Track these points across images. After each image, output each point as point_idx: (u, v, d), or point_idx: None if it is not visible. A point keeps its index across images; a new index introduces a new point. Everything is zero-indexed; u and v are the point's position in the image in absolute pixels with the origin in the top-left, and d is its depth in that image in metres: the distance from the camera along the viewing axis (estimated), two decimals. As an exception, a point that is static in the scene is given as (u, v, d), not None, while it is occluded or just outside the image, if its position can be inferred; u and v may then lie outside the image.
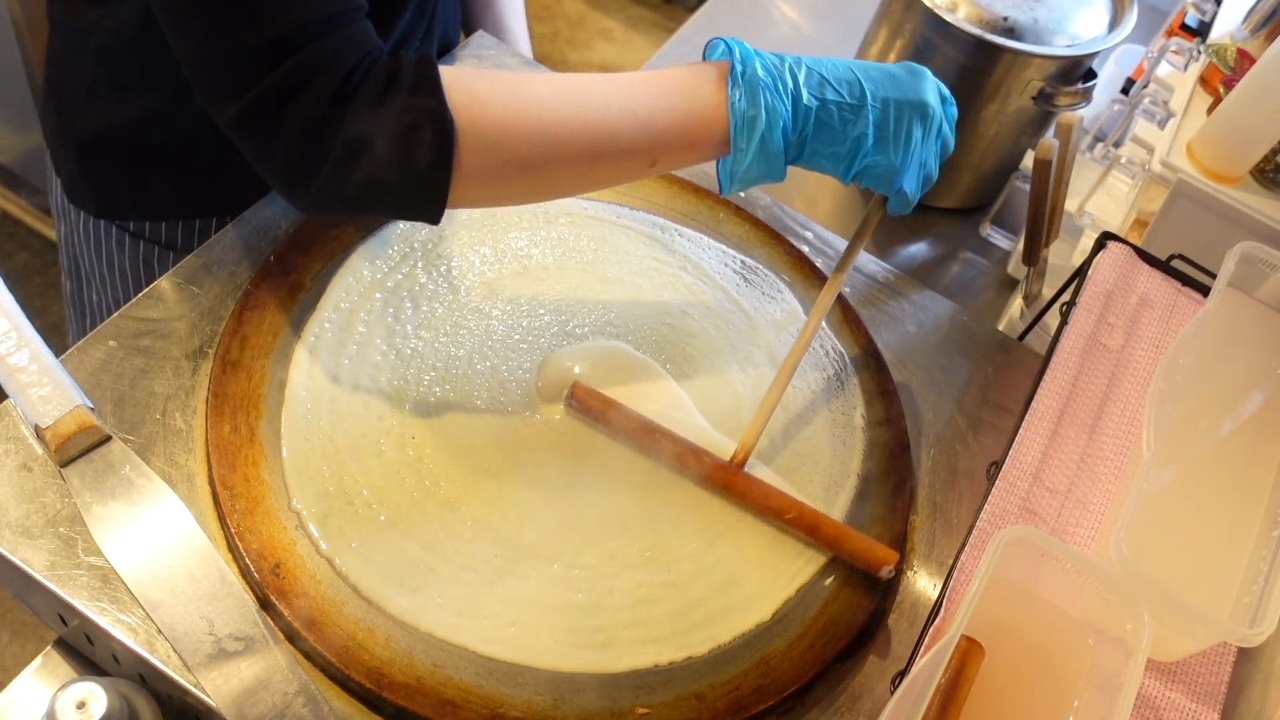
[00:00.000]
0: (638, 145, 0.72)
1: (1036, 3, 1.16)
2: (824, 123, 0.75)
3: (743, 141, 0.73)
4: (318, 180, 0.68)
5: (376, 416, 0.79)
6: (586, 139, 0.71)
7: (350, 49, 0.66)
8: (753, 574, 0.78)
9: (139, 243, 0.98)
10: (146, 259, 0.99)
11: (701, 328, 0.91)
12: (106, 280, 1.02)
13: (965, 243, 1.30)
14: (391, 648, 0.69)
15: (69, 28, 0.92)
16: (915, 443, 0.90)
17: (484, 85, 0.69)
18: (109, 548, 0.69)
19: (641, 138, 0.72)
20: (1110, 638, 0.70)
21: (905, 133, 0.76)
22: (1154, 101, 1.11)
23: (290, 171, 0.68)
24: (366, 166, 0.67)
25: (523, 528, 0.76)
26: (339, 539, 0.72)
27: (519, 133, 0.69)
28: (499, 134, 0.69)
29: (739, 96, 0.72)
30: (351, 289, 0.85)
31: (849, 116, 0.75)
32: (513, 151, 0.69)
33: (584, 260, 0.92)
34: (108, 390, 0.76)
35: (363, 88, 0.66)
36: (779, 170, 0.76)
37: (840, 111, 0.74)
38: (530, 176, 0.71)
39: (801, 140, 0.75)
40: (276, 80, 0.65)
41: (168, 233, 0.97)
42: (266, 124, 0.66)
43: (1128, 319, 0.93)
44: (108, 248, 0.99)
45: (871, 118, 0.75)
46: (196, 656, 0.66)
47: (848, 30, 1.46)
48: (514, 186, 0.72)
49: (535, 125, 0.69)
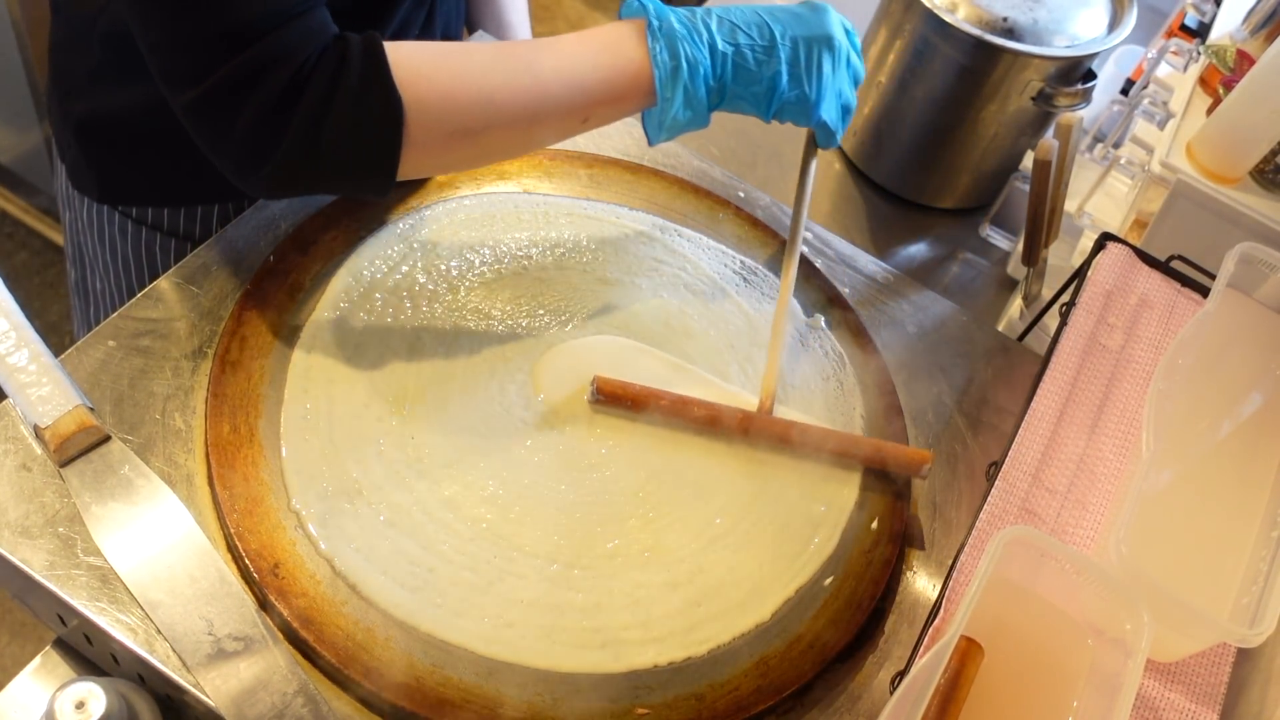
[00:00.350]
0: (573, 105, 0.77)
1: (1036, 3, 1.16)
2: (740, 66, 0.79)
3: (668, 91, 0.77)
4: (270, 165, 0.70)
5: (376, 417, 0.79)
6: (525, 103, 0.75)
7: (307, 40, 0.69)
8: (752, 574, 0.78)
9: (141, 229, 0.99)
10: (149, 246, 1.00)
11: (701, 328, 0.91)
12: (110, 267, 1.03)
13: (965, 243, 1.30)
14: (391, 648, 0.69)
15: (72, 13, 0.93)
16: (915, 443, 0.90)
17: (427, 60, 0.72)
18: (108, 548, 0.69)
19: (576, 97, 0.77)
20: (1110, 638, 0.70)
21: (816, 66, 0.81)
22: (1153, 102, 1.11)
23: (244, 156, 0.71)
24: (319, 150, 0.70)
25: (522, 528, 0.76)
26: (338, 539, 0.72)
27: (463, 103, 0.73)
28: (444, 106, 0.72)
29: (660, 50, 0.77)
30: (351, 289, 0.85)
31: (762, 58, 0.79)
32: (458, 121, 0.73)
33: (584, 260, 0.92)
34: (107, 390, 0.76)
35: (315, 75, 0.69)
36: (704, 117, 0.81)
37: (754, 54, 0.79)
38: (475, 142, 0.75)
39: (721, 85, 0.79)
40: (234, 69, 0.67)
41: (170, 219, 0.98)
42: (223, 110, 0.69)
43: (1127, 319, 0.93)
44: (110, 234, 1.00)
45: (784, 56, 0.79)
46: (196, 656, 0.66)
47: (847, 31, 1.46)
48: (460, 153, 0.77)
49: (477, 94, 0.73)
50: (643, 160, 1.03)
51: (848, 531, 0.82)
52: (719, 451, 0.83)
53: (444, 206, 0.92)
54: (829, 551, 0.80)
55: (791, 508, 0.82)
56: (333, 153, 0.70)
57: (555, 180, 0.98)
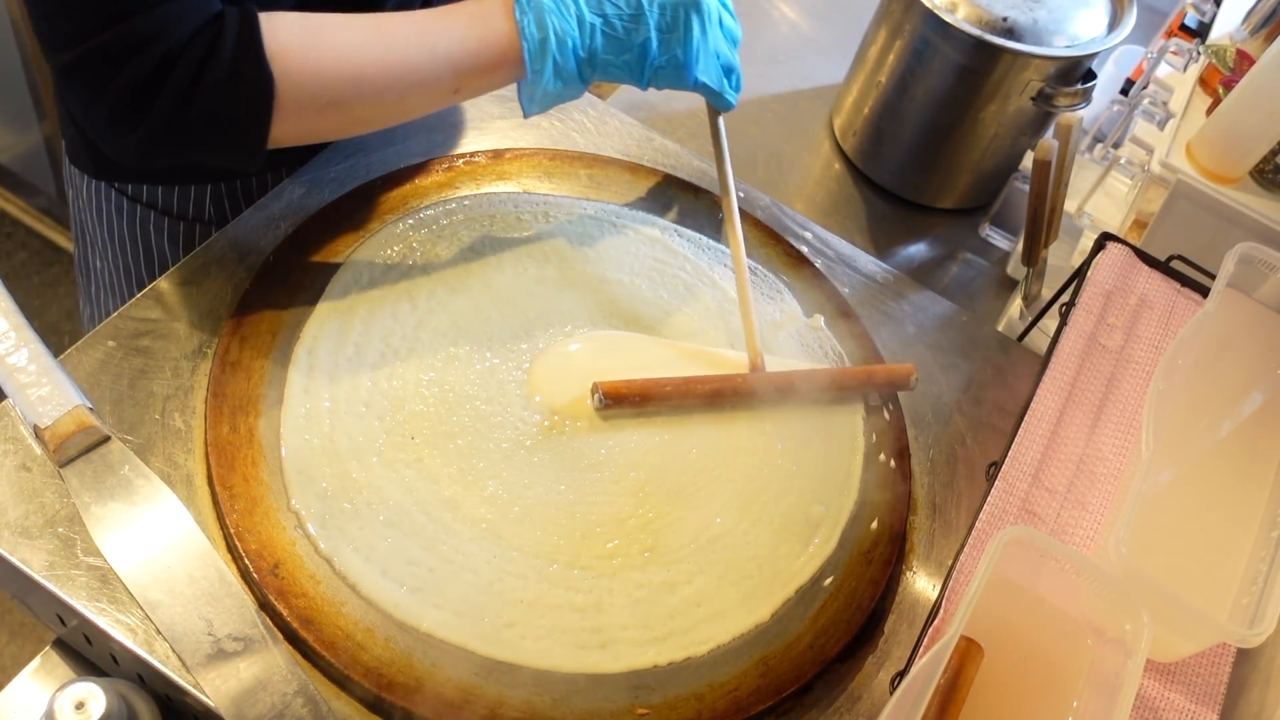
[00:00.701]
0: (441, 77, 0.78)
1: (1036, 3, 1.16)
2: (609, 35, 0.80)
3: (537, 64, 0.79)
4: (137, 135, 0.71)
5: (376, 417, 0.79)
6: (394, 76, 0.77)
7: (184, 17, 0.70)
8: (752, 575, 0.78)
9: (136, 207, 0.99)
10: (144, 224, 1.00)
11: (701, 328, 0.91)
12: (108, 245, 1.04)
13: (965, 243, 1.30)
14: (391, 648, 0.69)
15: None
16: (915, 443, 0.90)
17: (301, 33, 0.74)
18: (108, 548, 0.69)
19: (444, 70, 0.78)
20: (1109, 638, 0.70)
21: (685, 29, 0.81)
22: (1153, 102, 1.11)
23: (113, 124, 0.72)
24: (187, 123, 0.71)
25: (522, 528, 0.76)
26: (338, 539, 0.72)
27: (332, 77, 0.75)
28: (314, 80, 0.74)
29: (528, 23, 0.78)
30: (350, 289, 0.85)
31: (630, 25, 0.80)
32: (327, 94, 0.75)
33: (584, 260, 0.92)
34: (107, 390, 0.76)
35: (186, 53, 0.70)
36: (576, 88, 0.82)
37: (621, 22, 0.80)
38: (343, 113, 0.77)
39: (591, 55, 0.81)
40: (109, 40, 0.68)
41: (164, 198, 0.98)
42: (95, 78, 0.70)
43: (1127, 320, 0.93)
44: (108, 212, 1.01)
45: (651, 22, 0.80)
46: (195, 657, 0.66)
47: (847, 30, 1.47)
48: (328, 123, 0.78)
49: (346, 68, 0.75)
50: (642, 160, 1.03)
51: (847, 532, 0.82)
52: (719, 451, 0.83)
53: (444, 207, 0.92)
54: (829, 552, 0.80)
55: (791, 508, 0.82)
56: (201, 126, 0.72)
57: (555, 180, 0.98)
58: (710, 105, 0.90)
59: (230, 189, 0.98)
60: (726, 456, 0.83)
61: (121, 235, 1.02)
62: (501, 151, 0.98)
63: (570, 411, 0.82)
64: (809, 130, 1.39)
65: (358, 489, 0.75)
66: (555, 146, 1.02)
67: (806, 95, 1.43)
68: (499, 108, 1.04)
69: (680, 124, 1.31)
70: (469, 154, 0.97)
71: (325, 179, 0.93)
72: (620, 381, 0.83)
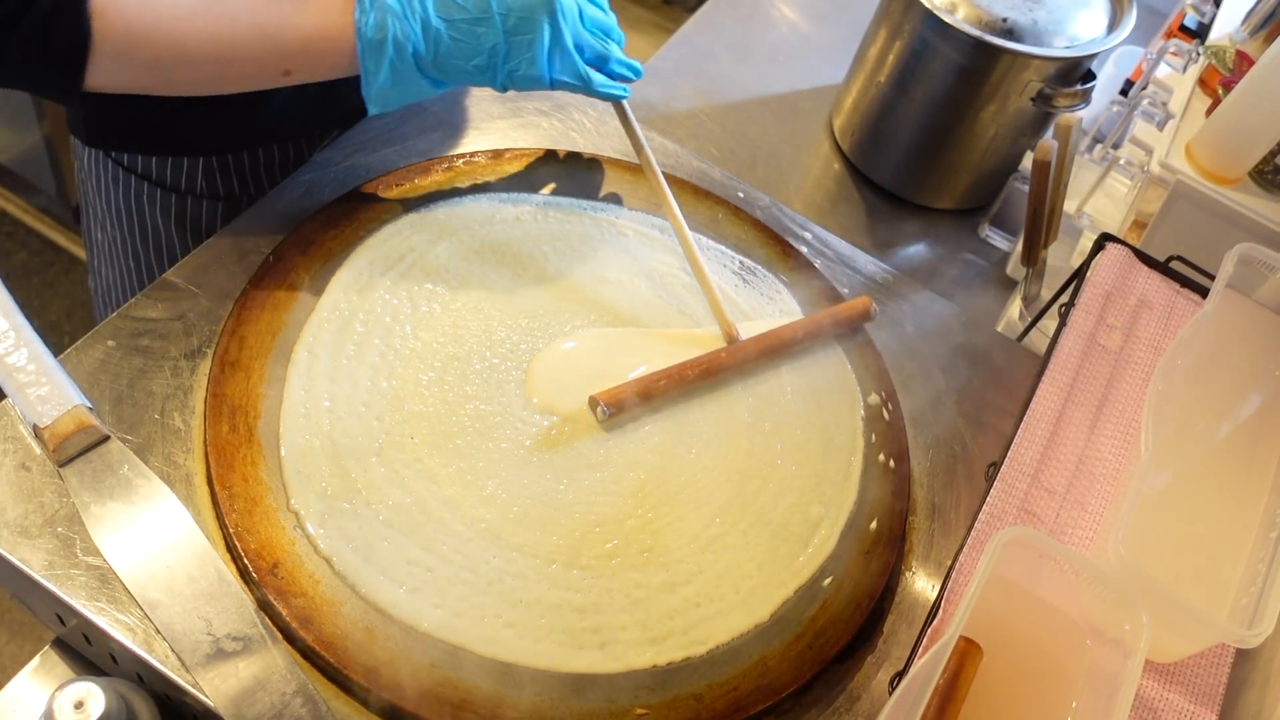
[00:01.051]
0: (265, 58, 0.78)
1: (1035, 4, 1.16)
2: (456, 39, 0.78)
3: (371, 64, 0.77)
4: None
5: (375, 416, 0.79)
6: (215, 50, 0.76)
7: None
8: (751, 575, 0.78)
9: (131, 178, 0.99)
10: (139, 196, 1.00)
11: (700, 324, 0.91)
12: (106, 215, 1.04)
13: (964, 244, 1.30)
14: (390, 648, 0.69)
15: None
16: (914, 444, 0.90)
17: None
18: (107, 547, 0.69)
19: (269, 51, 0.78)
20: (1108, 639, 0.70)
21: (535, 30, 0.79)
22: (1153, 103, 1.11)
23: None
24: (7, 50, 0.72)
25: (521, 527, 0.76)
26: (337, 538, 0.72)
27: (150, 40, 0.75)
28: (133, 41, 0.74)
29: (366, 22, 0.77)
30: (350, 289, 0.85)
31: (480, 29, 0.78)
32: (143, 55, 0.75)
33: (584, 260, 0.92)
34: (106, 390, 0.76)
35: None
36: (422, 89, 0.81)
37: (470, 25, 0.78)
38: (160, 76, 0.77)
39: (437, 59, 0.79)
40: None
41: (158, 169, 0.98)
42: None
43: (1126, 320, 0.93)
44: (105, 183, 1.01)
45: (501, 26, 0.79)
46: (194, 656, 0.66)
47: (847, 30, 1.47)
48: (149, 82, 0.78)
49: (165, 35, 0.75)
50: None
51: (846, 532, 0.82)
52: (718, 452, 0.83)
53: (444, 206, 0.92)
54: (828, 552, 0.80)
55: (790, 508, 0.82)
56: (17, 57, 0.72)
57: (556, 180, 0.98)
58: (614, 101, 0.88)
59: (221, 162, 0.98)
60: (725, 457, 0.83)
61: (118, 207, 1.02)
62: (501, 151, 0.99)
63: (570, 413, 0.82)
64: (808, 130, 1.39)
65: (357, 489, 0.75)
66: (555, 147, 1.02)
67: (806, 95, 1.43)
68: (499, 108, 1.04)
69: (680, 124, 1.31)
70: (469, 154, 0.97)
71: (325, 179, 0.93)
72: (618, 388, 0.83)
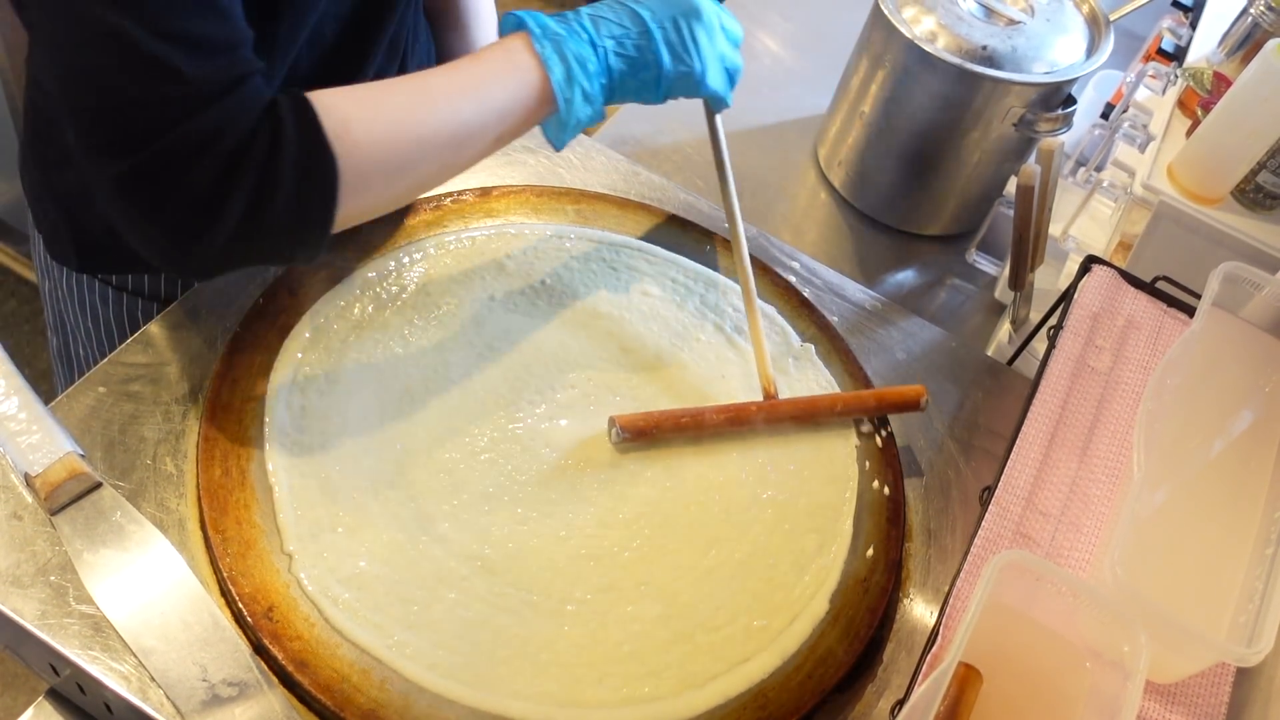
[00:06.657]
0: (488, 128, 0.78)
1: (1015, 31, 1.18)
2: (623, 55, 0.80)
3: (567, 93, 0.79)
4: (203, 243, 0.67)
5: (369, 457, 0.78)
6: (450, 134, 0.76)
7: (247, 110, 0.66)
8: (748, 606, 0.77)
9: (122, 295, 0.98)
10: (130, 311, 0.99)
11: (691, 359, 0.91)
12: (91, 335, 1.02)
13: (952, 269, 1.31)
14: (386, 689, 0.68)
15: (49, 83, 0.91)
16: (908, 469, 0.90)
17: (353, 105, 0.72)
18: (100, 595, 0.69)
19: (491, 119, 0.78)
20: (1108, 660, 0.70)
21: (692, 39, 0.82)
22: (1134, 125, 1.12)
23: (176, 235, 0.67)
24: (258, 226, 0.68)
25: (515, 563, 0.75)
26: (332, 580, 0.72)
27: (394, 143, 0.73)
28: (379, 150, 0.72)
29: (549, 54, 0.78)
30: (342, 330, 0.85)
31: (642, 43, 0.81)
32: (393, 162, 0.74)
33: (574, 295, 0.92)
34: (98, 436, 0.76)
35: (255, 143, 0.66)
36: (600, 111, 0.82)
37: (632, 41, 0.81)
38: (406, 177, 0.76)
39: (610, 77, 0.81)
40: (172, 141, 0.64)
41: (150, 283, 0.97)
42: (160, 183, 0.65)
43: (1115, 341, 0.94)
44: (91, 302, 0.99)
45: (659, 37, 0.81)
46: (190, 703, 0.66)
47: (829, 62, 1.48)
48: (393, 191, 0.76)
49: (407, 132, 0.74)
50: (629, 195, 1.04)
51: (843, 560, 0.82)
52: (713, 483, 0.83)
53: (433, 243, 0.93)
54: (825, 580, 0.80)
55: (786, 538, 0.82)
56: (271, 227, 0.68)
57: (543, 216, 0.99)
58: (708, 109, 0.91)
59: None
60: (720, 488, 0.83)
61: (108, 323, 1.00)
62: (489, 189, 0.99)
63: (566, 448, 0.82)
64: (794, 161, 1.40)
65: (351, 530, 0.74)
66: (542, 183, 1.03)
67: (790, 126, 1.44)
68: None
69: (666, 158, 1.32)
70: (456, 192, 0.98)
71: (314, 220, 0.93)
72: (638, 415, 0.83)
